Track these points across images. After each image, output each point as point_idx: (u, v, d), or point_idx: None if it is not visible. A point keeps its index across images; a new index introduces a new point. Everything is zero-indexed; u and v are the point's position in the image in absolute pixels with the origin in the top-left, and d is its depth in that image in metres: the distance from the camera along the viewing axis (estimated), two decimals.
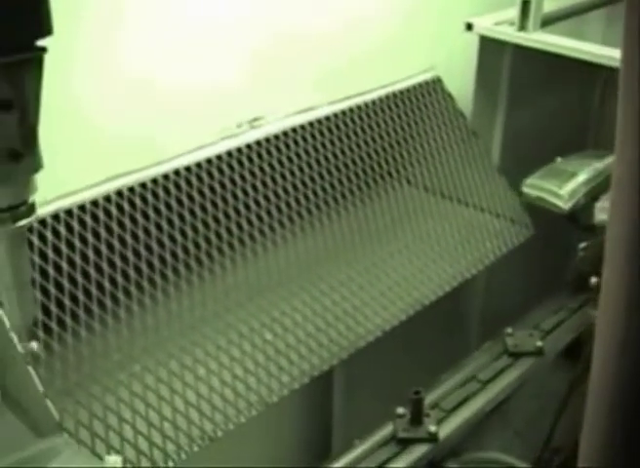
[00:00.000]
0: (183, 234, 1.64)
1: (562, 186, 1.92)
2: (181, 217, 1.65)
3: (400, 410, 1.62)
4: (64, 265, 1.46)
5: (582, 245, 2.02)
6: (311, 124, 1.94)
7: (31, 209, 1.01)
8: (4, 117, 0.90)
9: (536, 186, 1.95)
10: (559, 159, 2.06)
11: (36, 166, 0.96)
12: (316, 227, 1.91)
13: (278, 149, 1.86)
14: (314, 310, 1.78)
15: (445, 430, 1.61)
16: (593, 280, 1.95)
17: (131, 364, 1.51)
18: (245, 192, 1.77)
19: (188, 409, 1.50)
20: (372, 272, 1.92)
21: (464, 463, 1.69)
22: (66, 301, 1.45)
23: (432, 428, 1.59)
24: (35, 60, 0.90)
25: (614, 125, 2.17)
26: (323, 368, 1.72)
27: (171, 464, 1.42)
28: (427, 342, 2.27)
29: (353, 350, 1.77)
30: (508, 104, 2.31)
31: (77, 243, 1.49)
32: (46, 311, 1.42)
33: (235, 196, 1.75)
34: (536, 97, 2.40)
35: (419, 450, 1.58)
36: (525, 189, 1.96)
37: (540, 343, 1.82)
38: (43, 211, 1.46)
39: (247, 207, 1.76)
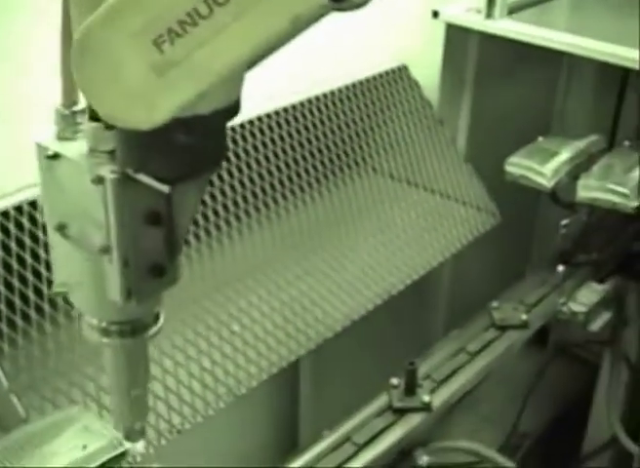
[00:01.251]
0: None
1: (545, 165, 1.96)
2: None
3: (394, 381, 1.66)
4: (28, 258, 1.44)
5: (564, 222, 2.07)
6: (277, 112, 1.92)
7: (157, 318, 0.96)
8: (152, 230, 0.84)
9: (519, 165, 1.98)
10: (541, 138, 2.09)
11: (176, 279, 0.90)
12: (282, 216, 1.90)
13: (243, 137, 1.85)
14: (281, 300, 1.77)
15: (438, 399, 1.65)
16: (560, 268, 1.97)
17: (97, 357, 1.49)
18: (210, 182, 1.75)
19: (156, 401, 1.48)
20: (339, 261, 1.92)
21: (433, 452, 1.69)
22: (30, 294, 1.42)
23: (426, 398, 1.63)
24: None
25: (578, 111, 2.18)
26: (291, 358, 1.71)
27: (138, 458, 1.41)
28: (394, 331, 2.27)
29: (321, 340, 1.76)
30: (475, 92, 2.30)
31: (40, 234, 1.46)
32: (10, 305, 1.40)
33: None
34: (502, 85, 2.40)
35: (414, 419, 1.62)
36: (508, 168, 1.99)
37: (524, 317, 1.87)
38: (6, 203, 1.44)
39: (212, 197, 1.75)
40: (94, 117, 0.81)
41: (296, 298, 1.78)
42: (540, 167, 1.95)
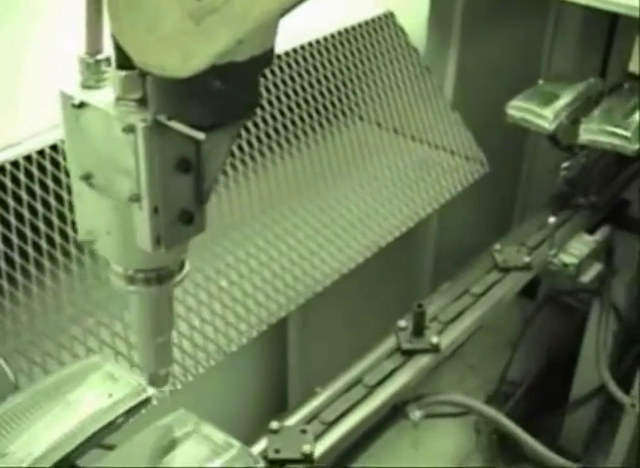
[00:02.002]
0: None
1: (546, 107, 1.97)
2: None
3: (402, 323, 1.68)
4: (12, 220, 1.41)
5: (565, 164, 2.09)
6: None
7: (182, 266, 0.98)
8: (181, 177, 0.85)
9: (520, 108, 1.99)
10: (541, 81, 2.09)
11: (204, 227, 0.91)
12: (268, 170, 1.87)
13: None
14: (269, 255, 1.75)
15: (445, 340, 1.68)
16: (551, 219, 1.96)
17: (85, 318, 1.47)
18: None
19: None
20: (327, 214, 1.89)
21: (425, 406, 1.69)
22: (16, 257, 1.40)
23: (434, 339, 1.65)
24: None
25: (565, 58, 2.16)
26: (280, 314, 1.70)
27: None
28: (381, 285, 2.26)
29: (311, 294, 1.75)
30: (462, 39, 2.27)
31: (24, 196, 1.43)
32: None
33: None
34: (489, 32, 2.36)
35: (423, 360, 1.64)
36: (510, 111, 1.99)
37: (527, 259, 1.90)
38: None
39: None
40: (122, 65, 0.81)
41: (284, 253, 1.76)
42: (542, 110, 1.96)
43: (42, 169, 1.47)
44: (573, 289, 2.27)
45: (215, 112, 0.80)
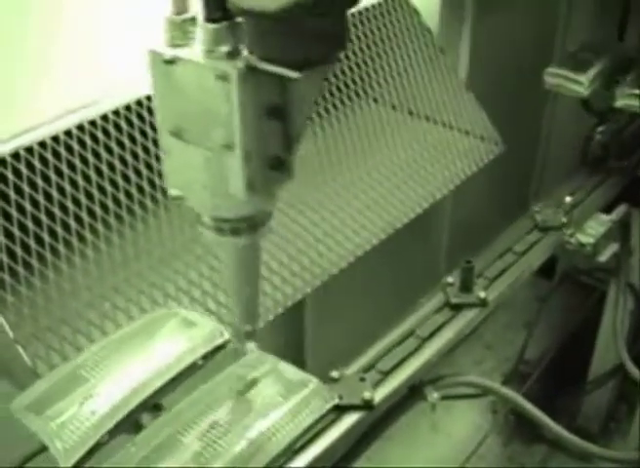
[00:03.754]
0: (148, 167, 1.59)
1: (581, 73, 2.06)
2: (146, 150, 1.60)
3: (449, 279, 1.76)
4: (28, 206, 1.41)
5: (600, 129, 2.20)
6: None
7: (269, 216, 1.00)
8: (272, 124, 0.88)
9: (556, 74, 2.08)
10: (575, 48, 2.20)
11: (292, 175, 0.94)
12: None
13: None
14: (285, 237, 1.74)
15: (492, 295, 1.75)
16: (567, 199, 1.96)
17: (101, 303, 1.47)
18: None
19: None
20: (342, 196, 1.89)
21: (443, 388, 1.69)
22: (32, 243, 1.40)
23: (482, 294, 1.73)
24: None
25: (580, 34, 2.14)
26: (297, 297, 1.69)
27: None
28: (396, 266, 2.25)
29: (327, 277, 1.74)
30: (475, 19, 2.26)
31: (39, 181, 1.43)
32: (12, 255, 1.38)
33: None
34: (502, 11, 2.35)
35: (470, 314, 1.71)
36: (546, 77, 2.09)
37: (564, 219, 1.97)
38: (2, 149, 1.41)
39: None
40: (211, 19, 0.85)
41: (300, 235, 1.76)
42: (577, 75, 2.05)
43: (56, 154, 1.47)
44: (589, 268, 2.27)
45: (308, 49, 0.82)
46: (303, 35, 0.80)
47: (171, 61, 0.88)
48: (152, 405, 1.21)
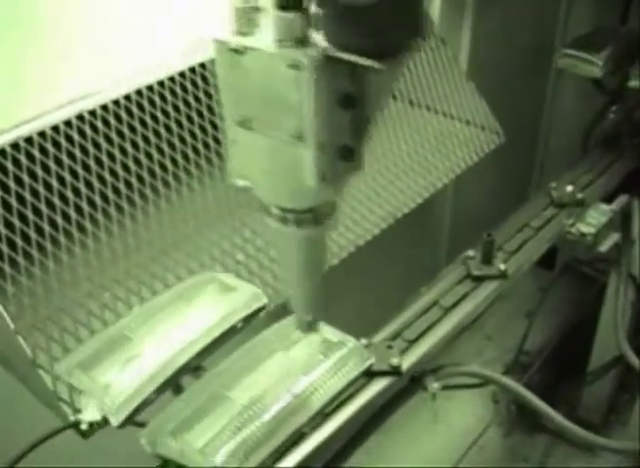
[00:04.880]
0: (149, 157, 1.59)
1: (596, 54, 2.12)
2: (146, 140, 1.59)
3: (470, 253, 1.82)
4: (28, 196, 1.41)
5: (614, 108, 2.28)
6: None
7: (334, 208, 1.01)
8: (344, 113, 0.87)
9: (570, 55, 2.14)
10: (587, 31, 2.26)
11: (362, 165, 0.94)
12: None
13: None
14: None
15: (511, 267, 1.81)
16: (569, 188, 1.95)
17: (101, 293, 1.47)
18: (211, 111, 1.71)
19: None
20: None
21: (444, 377, 1.69)
22: (32, 233, 1.40)
23: (502, 266, 1.79)
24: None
25: (581, 26, 2.14)
26: None
27: None
28: (398, 256, 2.25)
29: (326, 267, 1.74)
30: (475, 8, 2.25)
31: (39, 172, 1.43)
32: (12, 245, 1.37)
33: (201, 115, 1.70)
34: (503, 0, 2.34)
35: (492, 286, 1.77)
36: (560, 60, 2.15)
37: (580, 195, 2.03)
38: (1, 139, 1.41)
39: (214, 126, 1.71)
40: (282, 6, 0.84)
41: None
42: (592, 56, 2.11)
43: (56, 144, 1.47)
44: (590, 258, 2.27)
45: (385, 39, 0.82)
46: (381, 23, 0.80)
47: (239, 51, 0.88)
48: (194, 366, 1.26)
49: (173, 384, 1.25)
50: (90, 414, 1.24)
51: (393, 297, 1.72)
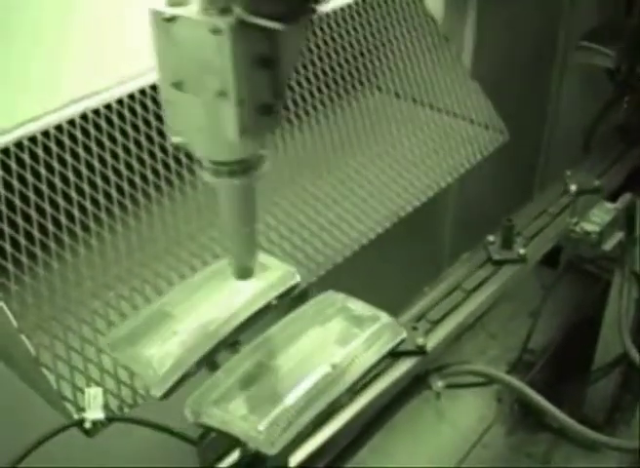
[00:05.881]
0: (152, 156, 1.59)
1: (611, 47, 2.19)
2: (150, 139, 1.59)
3: (490, 238, 1.88)
4: (31, 195, 1.41)
5: (627, 98, 2.31)
6: None
7: (262, 162, 1.08)
8: (261, 73, 0.96)
9: (586, 48, 2.22)
10: (603, 24, 2.35)
11: (279, 121, 1.03)
12: (287, 141, 1.86)
13: None
14: (289, 227, 1.74)
15: (531, 252, 1.87)
16: (572, 187, 1.96)
17: (105, 292, 1.47)
18: None
19: None
20: (346, 184, 1.89)
21: (448, 376, 1.69)
22: (35, 232, 1.40)
23: (521, 251, 1.85)
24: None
25: (585, 24, 2.14)
26: (302, 286, 1.69)
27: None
28: (401, 255, 2.25)
29: (331, 266, 1.74)
30: (479, 6, 2.25)
31: (43, 171, 1.43)
32: (15, 244, 1.37)
33: None
34: None
35: (512, 269, 1.84)
36: (576, 53, 2.23)
37: (597, 182, 2.07)
38: (5, 139, 1.41)
39: None
40: None
41: (304, 224, 1.76)
42: (606, 49, 2.19)
43: (60, 143, 1.47)
44: (594, 257, 2.27)
45: (289, 4, 0.91)
46: None
47: (170, 19, 0.96)
48: (232, 342, 1.30)
49: (211, 359, 1.29)
50: (94, 413, 1.25)
51: (396, 295, 1.72)
